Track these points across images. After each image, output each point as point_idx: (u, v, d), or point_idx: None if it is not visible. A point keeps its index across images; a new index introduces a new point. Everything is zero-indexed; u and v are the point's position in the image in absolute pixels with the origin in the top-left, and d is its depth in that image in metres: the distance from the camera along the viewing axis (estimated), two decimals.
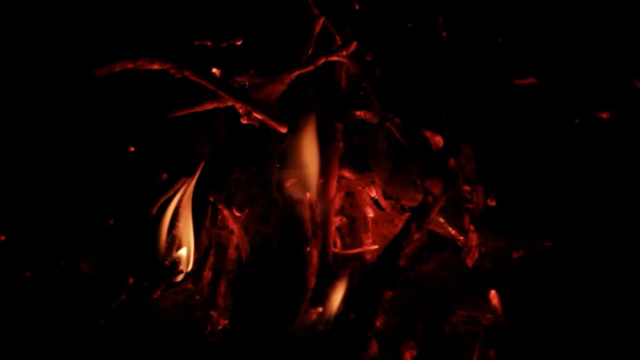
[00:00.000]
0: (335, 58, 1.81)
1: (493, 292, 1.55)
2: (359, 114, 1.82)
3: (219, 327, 1.67)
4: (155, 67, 1.64)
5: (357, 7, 1.89)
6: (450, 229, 1.66)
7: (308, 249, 1.69)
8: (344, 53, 1.80)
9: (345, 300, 1.62)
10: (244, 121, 1.78)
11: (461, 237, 1.62)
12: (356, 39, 1.80)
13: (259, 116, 1.76)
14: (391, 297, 1.59)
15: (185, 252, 1.80)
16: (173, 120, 1.76)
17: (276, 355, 1.57)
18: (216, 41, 1.90)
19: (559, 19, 1.71)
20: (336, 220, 1.81)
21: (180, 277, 1.76)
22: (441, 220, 1.66)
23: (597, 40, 1.69)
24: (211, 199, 1.83)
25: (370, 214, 1.84)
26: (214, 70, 1.85)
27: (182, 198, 1.85)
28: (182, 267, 1.78)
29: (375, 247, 1.79)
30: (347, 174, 1.82)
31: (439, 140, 1.65)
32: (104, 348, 1.62)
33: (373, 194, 1.83)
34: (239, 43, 1.91)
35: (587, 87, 1.70)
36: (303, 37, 1.84)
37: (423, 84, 1.76)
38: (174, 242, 1.81)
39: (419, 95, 1.74)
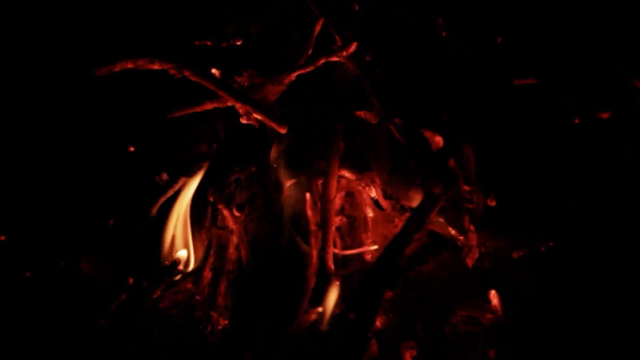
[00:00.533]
0: (335, 59, 1.81)
1: (493, 292, 1.56)
2: (359, 114, 1.81)
3: (219, 327, 1.67)
4: (155, 67, 1.64)
5: (357, 8, 1.89)
6: (450, 229, 1.66)
7: (308, 248, 1.69)
8: (344, 54, 1.80)
9: (345, 300, 1.62)
10: (244, 121, 1.78)
11: (461, 237, 1.62)
12: (356, 40, 1.80)
13: (258, 116, 1.76)
14: (391, 297, 1.59)
15: (186, 253, 1.80)
16: (173, 120, 1.76)
17: (276, 355, 1.57)
18: (216, 41, 1.90)
19: (559, 19, 1.71)
20: (336, 220, 1.80)
21: (178, 277, 1.77)
22: (441, 220, 1.66)
23: (597, 41, 1.69)
24: (211, 199, 1.83)
25: (370, 214, 1.84)
26: (214, 70, 1.86)
27: (182, 199, 1.85)
28: (181, 267, 1.78)
29: (375, 247, 1.79)
30: (347, 174, 1.82)
31: (439, 140, 1.64)
32: (104, 348, 1.62)
33: (373, 194, 1.83)
34: (239, 43, 1.91)
35: (587, 87, 1.70)
36: (303, 37, 1.84)
37: (423, 84, 1.76)
38: (174, 242, 1.81)
39: (419, 95, 1.74)
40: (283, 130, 1.78)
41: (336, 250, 1.75)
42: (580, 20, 1.70)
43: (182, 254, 1.79)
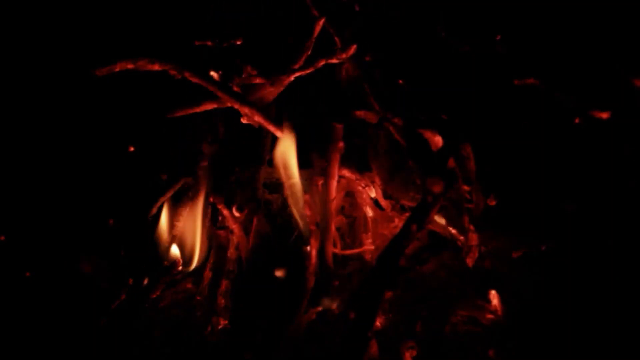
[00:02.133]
0: (335, 60, 1.81)
1: (493, 292, 1.55)
2: (359, 114, 1.82)
3: (219, 327, 1.67)
4: (156, 67, 1.64)
5: (357, 9, 1.89)
6: (450, 229, 1.66)
7: (308, 249, 1.69)
8: (344, 56, 1.80)
9: (345, 300, 1.62)
10: (244, 121, 1.79)
11: (461, 237, 1.62)
12: (356, 41, 1.80)
13: (256, 119, 1.76)
14: (391, 297, 1.59)
15: (179, 251, 1.80)
16: (173, 120, 1.76)
17: (276, 355, 1.57)
18: (216, 41, 1.90)
19: (559, 18, 1.71)
20: (336, 220, 1.80)
21: (178, 277, 1.77)
22: (441, 220, 1.66)
23: (596, 40, 1.69)
24: (211, 199, 1.83)
25: (370, 214, 1.84)
26: (213, 73, 1.86)
27: (186, 199, 1.85)
28: (179, 266, 1.78)
29: (375, 247, 1.79)
30: (347, 174, 1.82)
31: (438, 140, 1.65)
32: (104, 348, 1.62)
33: (373, 194, 1.83)
34: (239, 43, 1.91)
35: (587, 87, 1.70)
36: (303, 38, 1.84)
37: (422, 84, 1.76)
38: (173, 242, 1.81)
39: (419, 96, 1.74)
40: (280, 133, 1.78)
41: (336, 250, 1.75)
42: (580, 20, 1.70)
43: (175, 252, 1.79)
